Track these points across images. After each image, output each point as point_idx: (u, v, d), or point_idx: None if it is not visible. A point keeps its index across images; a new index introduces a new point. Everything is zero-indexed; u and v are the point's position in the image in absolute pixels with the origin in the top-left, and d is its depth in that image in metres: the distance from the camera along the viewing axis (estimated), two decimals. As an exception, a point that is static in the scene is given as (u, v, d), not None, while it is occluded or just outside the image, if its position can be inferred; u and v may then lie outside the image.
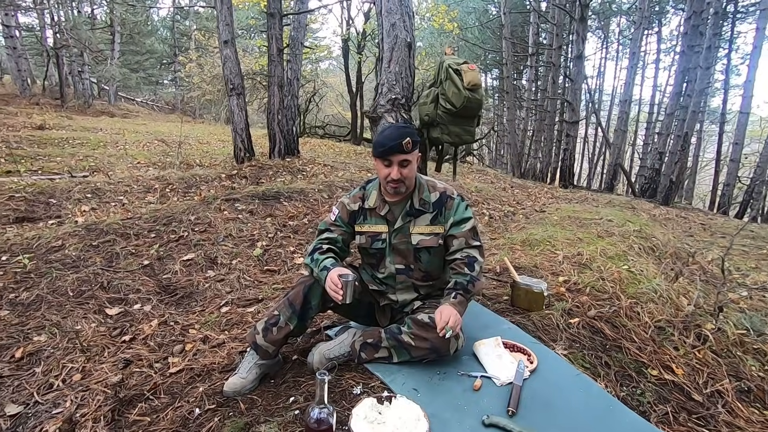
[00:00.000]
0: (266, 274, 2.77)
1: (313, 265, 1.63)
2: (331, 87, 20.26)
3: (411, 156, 1.59)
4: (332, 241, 1.73)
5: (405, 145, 1.56)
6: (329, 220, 1.78)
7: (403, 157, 1.58)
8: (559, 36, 12.93)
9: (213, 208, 3.75)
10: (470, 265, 1.65)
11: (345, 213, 1.76)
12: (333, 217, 1.78)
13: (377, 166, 1.65)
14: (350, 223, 1.76)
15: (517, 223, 4.49)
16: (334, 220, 1.77)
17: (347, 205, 1.77)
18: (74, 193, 4.61)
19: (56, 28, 15.89)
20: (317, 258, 1.64)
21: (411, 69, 2.70)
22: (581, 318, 1.98)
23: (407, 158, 1.58)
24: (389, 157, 1.58)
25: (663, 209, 8.07)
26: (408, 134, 1.58)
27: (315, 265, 1.62)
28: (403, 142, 1.55)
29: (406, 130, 1.61)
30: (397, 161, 1.58)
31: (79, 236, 3.06)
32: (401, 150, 1.56)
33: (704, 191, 21.38)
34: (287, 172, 6.43)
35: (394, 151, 1.56)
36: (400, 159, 1.58)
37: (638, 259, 3.00)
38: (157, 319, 2.15)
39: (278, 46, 6.92)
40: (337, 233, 1.75)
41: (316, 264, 1.62)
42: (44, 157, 7.05)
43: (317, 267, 1.61)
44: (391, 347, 1.62)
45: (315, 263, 1.63)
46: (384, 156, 1.59)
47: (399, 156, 1.57)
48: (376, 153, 1.61)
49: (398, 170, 1.58)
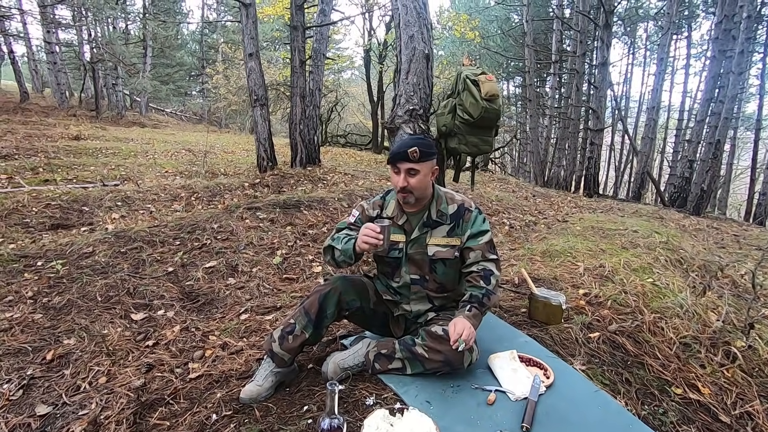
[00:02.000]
0: (285, 282, 2.81)
1: (335, 243, 1.67)
2: (353, 96, 20.51)
3: (419, 166, 1.59)
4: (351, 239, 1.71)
5: (411, 154, 1.57)
6: (349, 221, 1.80)
7: (409, 166, 1.59)
8: (583, 43, 12.74)
9: (235, 217, 3.84)
10: (486, 279, 1.64)
11: (364, 216, 1.78)
12: (353, 219, 1.79)
13: (391, 175, 1.69)
14: None
15: (538, 233, 4.42)
16: (354, 221, 1.78)
17: (367, 210, 1.79)
18: (105, 201, 4.80)
19: (93, 44, 16.68)
20: (339, 237, 1.69)
21: (429, 80, 2.73)
22: (601, 332, 1.93)
23: (414, 167, 1.59)
24: (397, 164, 1.61)
25: (693, 219, 7.79)
26: (418, 144, 1.59)
27: (338, 243, 1.66)
28: (408, 150, 1.57)
29: (417, 141, 1.62)
30: (404, 169, 1.60)
31: (108, 243, 3.19)
32: (407, 158, 1.58)
33: (739, 201, 20.53)
34: (308, 181, 6.52)
35: (401, 158, 1.59)
36: (406, 167, 1.59)
37: (664, 271, 2.90)
38: (179, 325, 2.22)
39: (300, 58, 7.08)
40: (356, 233, 1.71)
41: (338, 242, 1.66)
42: (79, 166, 7.38)
43: (340, 244, 1.65)
44: (404, 359, 1.62)
45: (337, 241, 1.67)
46: (392, 162, 1.63)
47: (405, 164, 1.59)
48: (388, 159, 1.66)
49: (405, 178, 1.60)
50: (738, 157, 20.39)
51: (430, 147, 1.63)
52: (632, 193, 14.27)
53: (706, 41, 20.62)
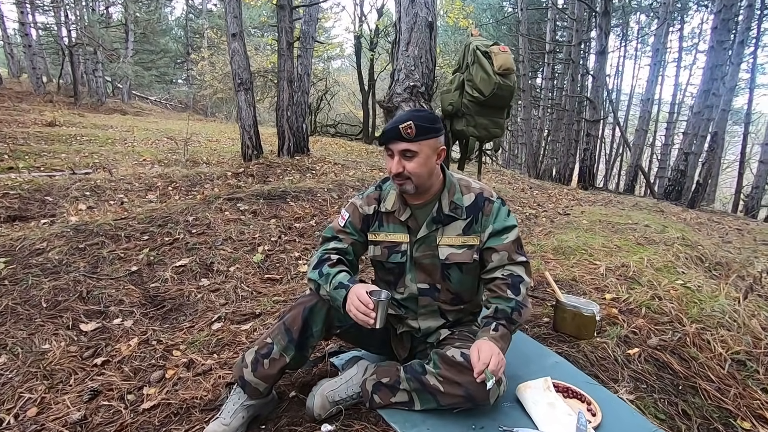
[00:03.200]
0: (266, 284, 2.47)
1: (323, 281, 1.28)
2: (343, 85, 20.02)
3: (416, 146, 1.25)
4: (341, 252, 1.39)
5: (404, 130, 1.23)
6: (337, 226, 1.44)
7: (404, 146, 1.26)
8: (579, 32, 12.44)
9: (213, 209, 3.47)
10: (514, 287, 1.29)
11: (357, 217, 1.42)
12: (342, 222, 1.43)
13: (385, 160, 1.35)
14: (362, 231, 1.42)
15: (542, 228, 4.13)
16: (343, 225, 1.42)
17: (359, 208, 1.43)
18: (72, 191, 4.38)
19: (70, 27, 15.91)
20: (327, 272, 1.29)
21: (432, 52, 2.38)
22: (641, 348, 1.63)
23: (410, 148, 1.25)
24: (389, 145, 1.28)
25: (693, 213, 7.62)
26: (414, 118, 1.25)
27: (325, 281, 1.28)
28: (401, 125, 1.23)
29: (414, 114, 1.28)
30: (398, 151, 1.27)
31: (66, 238, 2.80)
32: (399, 136, 1.24)
33: (724, 194, 20.70)
34: (296, 171, 6.16)
35: (393, 137, 1.26)
36: (400, 148, 1.26)
37: (688, 271, 2.62)
38: (138, 338, 1.86)
39: (288, 40, 6.65)
40: (346, 242, 1.40)
41: (326, 280, 1.27)
42: (49, 153, 6.89)
43: (328, 284, 1.26)
44: (412, 390, 1.28)
45: (325, 279, 1.28)
46: (385, 144, 1.29)
47: (398, 144, 1.26)
48: (380, 142, 1.32)
49: (399, 162, 1.26)
50: (725, 151, 20.49)
51: (431, 121, 1.28)
52: (626, 185, 14.16)
53: (697, 34, 20.61)
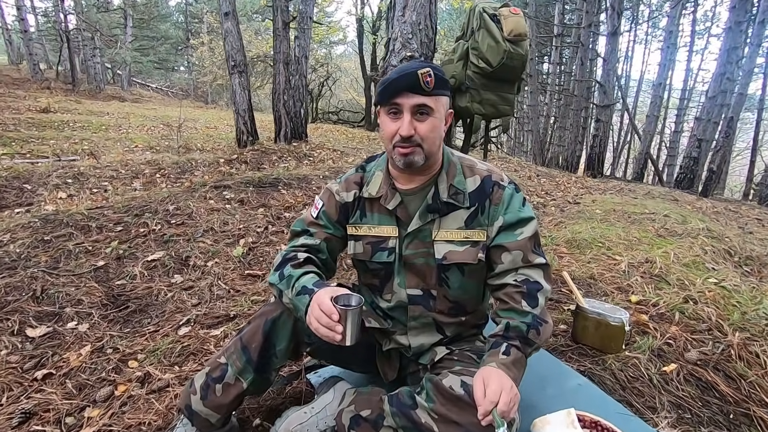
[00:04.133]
0: (247, 281, 2.22)
1: (284, 285, 1.01)
2: (346, 71, 19.61)
3: (433, 102, 0.96)
4: (311, 250, 1.10)
5: (423, 77, 0.93)
6: (308, 218, 1.15)
7: (418, 100, 0.95)
8: (589, 13, 11.95)
9: (197, 197, 3.22)
10: (530, 297, 0.99)
11: (333, 206, 1.13)
12: (315, 212, 1.14)
13: (382, 123, 1.01)
14: (340, 223, 1.13)
15: (552, 217, 3.86)
16: (316, 217, 1.13)
17: (336, 194, 1.13)
18: (53, 178, 4.15)
19: (66, 11, 15.56)
20: (290, 274, 1.01)
21: (432, 18, 2.08)
22: (678, 364, 1.37)
23: (426, 103, 0.95)
24: (396, 99, 0.96)
25: (707, 202, 7.31)
26: (429, 66, 0.96)
27: (286, 286, 1.00)
28: (420, 71, 0.94)
29: (427, 63, 0.99)
30: (410, 107, 0.95)
31: (32, 229, 2.57)
32: (416, 86, 0.94)
33: (734, 182, 20.30)
34: (292, 158, 5.89)
35: (404, 87, 0.94)
36: (413, 103, 0.95)
37: (718, 267, 2.35)
38: (91, 345, 1.63)
39: (284, 20, 6.33)
40: (319, 237, 1.12)
41: (287, 283, 1.00)
42: (37, 140, 6.66)
43: (290, 289, 0.99)
44: (399, 428, 0.97)
45: (286, 282, 1.01)
46: (389, 99, 0.96)
47: (412, 98, 0.95)
48: (379, 97, 0.99)
49: (411, 123, 0.95)
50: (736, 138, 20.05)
51: (443, 73, 1.00)
52: (635, 173, 13.78)
53: (710, 18, 19.93)
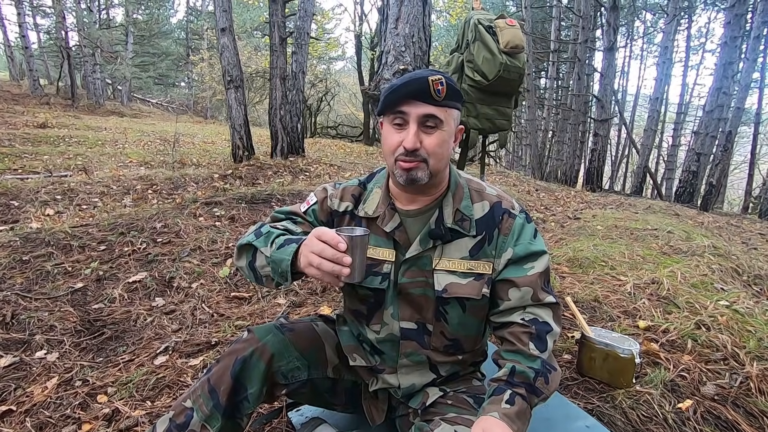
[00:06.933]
0: (232, 303, 2.11)
1: (261, 242, 0.89)
2: (344, 87, 19.76)
3: (443, 113, 0.85)
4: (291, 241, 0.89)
5: (434, 84, 0.82)
6: (296, 209, 1.03)
7: (427, 110, 0.84)
8: (585, 29, 12.08)
9: (186, 214, 3.13)
10: (539, 339, 0.88)
11: (323, 207, 1.02)
12: (305, 207, 1.03)
13: (384, 134, 0.90)
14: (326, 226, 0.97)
15: (552, 234, 3.76)
16: (305, 212, 1.02)
17: (329, 198, 1.02)
18: (41, 194, 4.06)
19: (68, 28, 15.72)
20: (269, 231, 0.91)
21: (426, 30, 2.03)
22: (694, 399, 1.26)
23: (436, 114, 0.84)
24: (402, 107, 0.85)
25: (708, 216, 7.23)
26: (442, 74, 0.86)
27: (264, 243, 0.88)
28: (431, 78, 0.82)
29: (438, 71, 0.89)
30: (417, 117, 0.84)
31: (11, 248, 2.47)
32: (426, 94, 0.82)
33: (732, 196, 20.35)
34: (288, 172, 5.83)
35: (412, 94, 0.83)
36: (421, 112, 0.84)
37: (727, 287, 2.25)
38: (59, 377, 1.51)
39: (281, 35, 6.34)
40: (300, 228, 0.98)
41: (265, 240, 0.88)
42: (31, 155, 6.60)
43: (269, 245, 0.86)
44: None
45: (264, 240, 0.89)
46: (394, 106, 0.85)
47: (420, 107, 0.84)
48: (383, 105, 0.88)
49: (417, 134, 0.84)
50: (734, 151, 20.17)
51: (457, 85, 0.89)
52: (634, 187, 13.77)
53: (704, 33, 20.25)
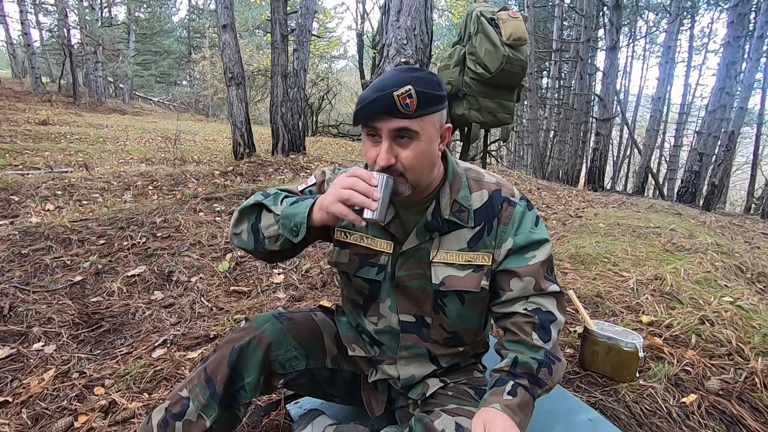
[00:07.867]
0: (231, 297, 2.10)
1: (270, 201, 0.90)
2: (346, 85, 19.76)
3: (416, 124, 0.79)
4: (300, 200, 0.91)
5: (400, 99, 0.76)
6: (292, 188, 0.99)
7: (398, 124, 0.79)
8: (587, 28, 12.05)
9: (186, 209, 3.12)
10: (543, 329, 0.87)
11: (320, 192, 0.98)
12: (302, 186, 1.00)
13: (363, 146, 0.88)
14: None
15: (554, 231, 3.74)
16: (301, 190, 0.99)
17: (328, 183, 0.98)
18: (41, 189, 4.06)
19: (70, 26, 15.74)
20: (276, 192, 0.92)
21: (428, 23, 2.01)
22: (698, 394, 1.24)
23: (408, 126, 0.79)
24: (372, 123, 0.81)
25: (711, 216, 7.21)
26: (414, 81, 0.78)
27: (273, 202, 0.89)
28: (395, 92, 0.76)
29: (411, 74, 0.81)
30: (388, 131, 0.80)
31: (10, 242, 2.46)
32: (391, 109, 0.77)
33: (734, 197, 20.33)
34: (289, 170, 5.82)
35: (378, 110, 0.79)
36: (392, 127, 0.79)
37: (731, 284, 2.23)
38: (56, 368, 1.50)
39: (282, 32, 6.32)
40: None
41: (274, 200, 0.89)
42: (32, 151, 6.60)
43: (279, 202, 0.88)
44: None
45: (273, 199, 0.90)
46: (365, 121, 0.82)
47: (389, 121, 0.79)
48: (355, 118, 0.84)
49: (390, 149, 0.80)
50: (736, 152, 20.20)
51: (434, 86, 0.82)
52: (636, 187, 13.74)
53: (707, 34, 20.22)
